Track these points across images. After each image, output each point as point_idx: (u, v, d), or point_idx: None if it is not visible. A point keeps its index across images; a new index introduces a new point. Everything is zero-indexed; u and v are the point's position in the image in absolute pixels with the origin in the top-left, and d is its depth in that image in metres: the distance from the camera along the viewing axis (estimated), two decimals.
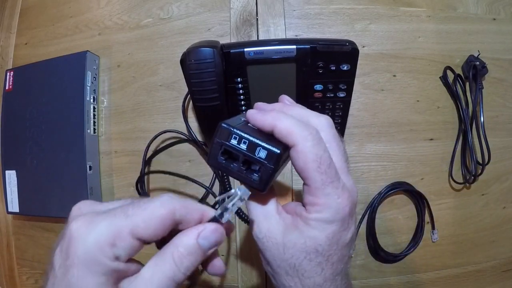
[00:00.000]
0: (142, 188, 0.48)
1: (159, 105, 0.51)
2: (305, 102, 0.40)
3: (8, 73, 0.54)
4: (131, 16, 0.53)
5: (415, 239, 0.49)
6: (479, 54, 0.49)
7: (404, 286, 0.50)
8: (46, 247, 0.54)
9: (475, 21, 0.51)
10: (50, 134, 0.50)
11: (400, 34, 0.50)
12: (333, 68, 0.37)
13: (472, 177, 0.48)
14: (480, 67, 0.47)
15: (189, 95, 0.48)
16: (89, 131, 0.49)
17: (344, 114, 0.43)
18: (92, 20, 0.54)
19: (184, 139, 0.49)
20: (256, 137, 0.21)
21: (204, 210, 0.21)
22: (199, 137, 0.48)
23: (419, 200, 0.48)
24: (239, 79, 0.38)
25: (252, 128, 0.22)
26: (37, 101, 0.51)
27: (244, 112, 0.26)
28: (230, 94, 0.39)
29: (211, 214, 0.21)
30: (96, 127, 0.51)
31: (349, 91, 0.39)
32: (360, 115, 0.49)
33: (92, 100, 0.50)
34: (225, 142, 0.21)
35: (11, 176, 0.52)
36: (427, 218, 0.50)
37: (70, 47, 0.54)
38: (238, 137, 0.21)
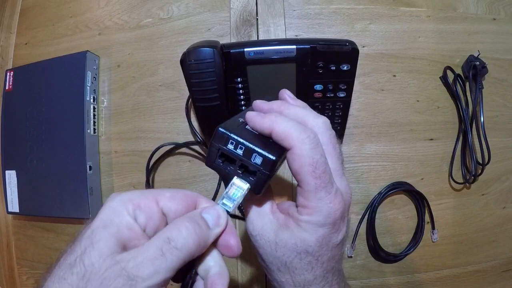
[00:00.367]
0: None
1: (159, 105, 0.51)
2: (305, 102, 0.40)
3: (8, 73, 0.53)
4: (131, 16, 0.53)
5: (415, 239, 0.49)
6: (479, 54, 0.49)
7: (404, 286, 0.50)
8: (46, 247, 0.54)
9: (475, 21, 0.51)
10: (50, 134, 0.50)
11: (400, 34, 0.50)
12: (333, 68, 0.37)
13: (472, 177, 0.48)
14: (480, 67, 0.47)
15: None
16: (89, 131, 0.49)
17: (344, 114, 0.43)
18: (92, 20, 0.54)
19: (183, 145, 0.49)
20: (252, 143, 0.21)
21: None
22: (199, 138, 0.48)
23: (419, 200, 0.48)
24: (239, 79, 0.38)
25: (250, 130, 0.23)
26: (37, 101, 0.51)
27: (243, 111, 0.25)
28: (230, 94, 0.39)
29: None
30: (96, 127, 0.51)
31: (349, 91, 0.39)
32: (360, 115, 0.49)
33: (92, 100, 0.50)
34: (222, 146, 0.22)
35: (11, 176, 0.52)
36: (427, 218, 0.50)
37: (70, 47, 0.54)
38: (234, 142, 0.21)
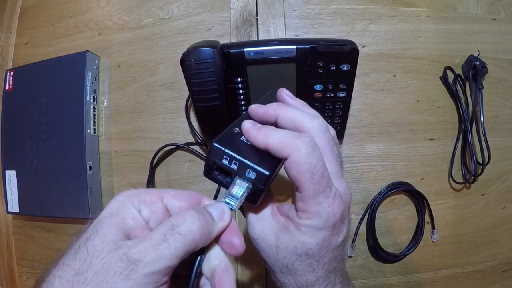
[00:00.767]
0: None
1: (159, 105, 0.51)
2: (305, 102, 0.40)
3: (8, 73, 0.53)
4: (131, 16, 0.53)
5: (415, 239, 0.49)
6: (479, 54, 0.49)
7: (404, 286, 0.50)
8: (46, 247, 0.54)
9: (475, 21, 0.51)
10: (50, 134, 0.50)
11: (400, 34, 0.50)
12: (333, 68, 0.37)
13: (472, 177, 0.48)
14: (480, 67, 0.47)
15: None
16: (89, 131, 0.49)
17: (344, 114, 0.43)
18: (92, 20, 0.54)
19: (184, 146, 0.49)
20: (246, 157, 0.21)
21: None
22: (199, 138, 0.48)
23: (419, 200, 0.48)
24: (239, 79, 0.38)
25: (246, 142, 0.23)
26: (37, 101, 0.51)
27: (239, 118, 0.25)
28: (230, 94, 0.39)
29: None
30: (96, 127, 0.51)
31: (349, 91, 0.39)
32: (360, 115, 0.49)
33: (92, 100, 0.50)
34: (217, 161, 0.22)
35: (11, 176, 0.52)
36: (427, 218, 0.50)
37: (70, 47, 0.54)
38: (229, 158, 0.21)
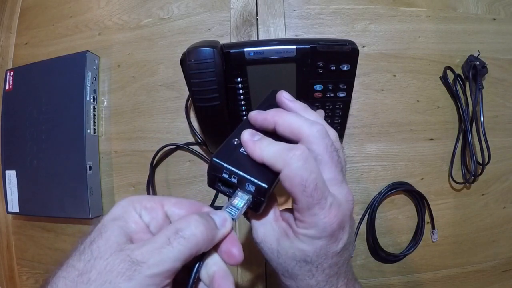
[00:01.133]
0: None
1: (159, 105, 0.51)
2: (305, 102, 0.40)
3: (8, 73, 0.53)
4: (131, 16, 0.53)
5: (415, 239, 0.49)
6: (479, 54, 0.49)
7: (404, 286, 0.50)
8: (46, 247, 0.54)
9: (475, 21, 0.51)
10: (50, 134, 0.50)
11: (400, 34, 0.50)
12: (333, 68, 0.37)
13: (472, 177, 0.48)
14: (480, 67, 0.47)
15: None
16: (89, 131, 0.49)
17: (344, 114, 0.42)
18: (92, 20, 0.54)
19: (184, 146, 0.49)
20: (245, 171, 0.22)
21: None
22: (199, 138, 0.48)
23: (419, 200, 0.48)
24: (239, 79, 0.38)
25: (245, 154, 0.23)
26: (37, 101, 0.51)
27: (239, 127, 0.26)
28: (230, 94, 0.39)
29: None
30: (96, 127, 0.51)
31: (349, 91, 0.39)
32: (360, 115, 0.49)
33: (92, 100, 0.50)
34: (218, 175, 0.23)
35: (11, 176, 0.52)
36: (427, 218, 0.49)
37: (70, 47, 0.54)
38: (228, 172, 0.22)
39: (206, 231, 0.19)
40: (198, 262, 0.20)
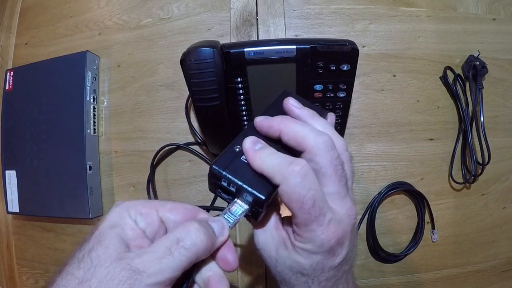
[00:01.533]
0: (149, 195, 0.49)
1: (159, 105, 0.51)
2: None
3: (8, 73, 0.53)
4: (131, 16, 0.53)
5: (415, 239, 0.49)
6: (479, 54, 0.49)
7: (404, 286, 0.50)
8: (46, 247, 0.54)
9: (475, 21, 0.51)
10: (50, 134, 0.50)
11: (400, 34, 0.50)
12: (333, 68, 0.37)
13: (472, 177, 0.48)
14: (480, 67, 0.47)
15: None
16: (89, 131, 0.49)
17: (344, 114, 0.42)
18: (92, 20, 0.54)
19: (184, 146, 0.49)
20: (244, 180, 0.22)
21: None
22: (199, 138, 0.48)
23: (419, 200, 0.48)
24: (239, 79, 0.38)
25: (245, 163, 0.23)
26: (37, 101, 0.51)
27: (242, 133, 0.25)
28: (230, 94, 0.39)
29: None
30: (96, 127, 0.51)
31: (349, 91, 0.39)
32: (360, 115, 0.49)
33: (92, 100, 0.50)
34: (217, 182, 0.23)
35: (11, 176, 0.52)
36: (427, 218, 0.49)
37: (70, 47, 0.54)
38: (227, 181, 0.22)
39: (206, 239, 0.19)
40: (194, 268, 0.20)
